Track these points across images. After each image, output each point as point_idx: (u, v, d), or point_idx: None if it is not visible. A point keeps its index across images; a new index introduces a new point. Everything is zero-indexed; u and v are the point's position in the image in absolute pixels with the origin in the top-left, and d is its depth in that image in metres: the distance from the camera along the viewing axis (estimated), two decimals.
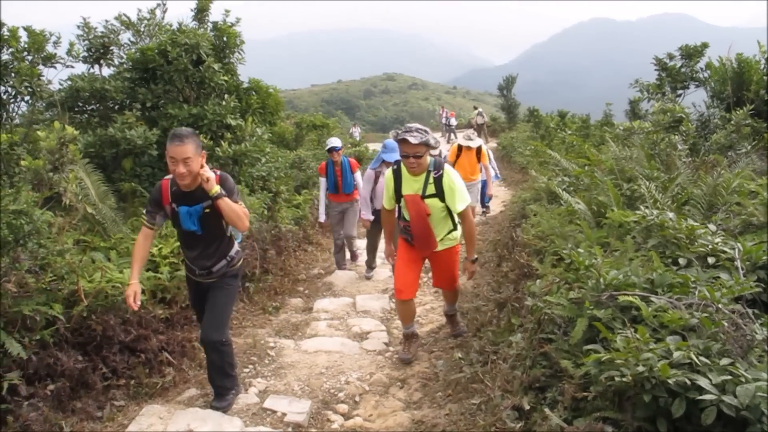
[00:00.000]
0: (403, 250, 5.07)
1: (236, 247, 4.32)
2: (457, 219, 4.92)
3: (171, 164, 3.79)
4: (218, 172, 3.99)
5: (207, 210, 3.96)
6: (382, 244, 7.30)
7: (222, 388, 4.33)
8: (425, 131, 4.48)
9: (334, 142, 8.17)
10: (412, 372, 4.99)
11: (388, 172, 4.86)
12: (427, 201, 4.69)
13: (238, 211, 3.91)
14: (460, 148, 9.95)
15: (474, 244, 4.94)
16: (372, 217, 7.58)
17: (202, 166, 3.84)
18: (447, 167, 4.68)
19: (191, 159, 3.76)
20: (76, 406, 4.02)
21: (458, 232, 5.02)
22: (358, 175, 8.17)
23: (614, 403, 2.44)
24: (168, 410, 4.22)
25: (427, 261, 5.33)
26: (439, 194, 4.67)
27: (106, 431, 4.02)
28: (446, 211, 4.79)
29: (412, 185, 4.74)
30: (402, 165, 4.74)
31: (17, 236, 4.25)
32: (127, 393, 4.41)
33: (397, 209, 5.08)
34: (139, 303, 3.84)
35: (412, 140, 4.39)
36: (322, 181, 8.23)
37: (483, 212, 11.96)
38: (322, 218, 8.39)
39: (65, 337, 4.11)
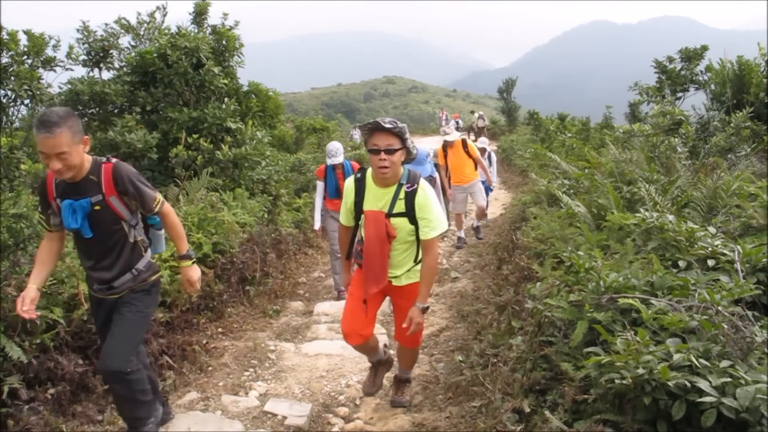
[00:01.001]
0: (357, 284, 4.00)
1: (147, 258, 3.51)
2: None
3: (42, 158, 3.03)
4: (113, 161, 3.29)
5: (97, 207, 3.20)
6: None
7: (135, 420, 3.48)
8: (400, 123, 3.55)
9: (336, 153, 7.07)
10: (413, 375, 4.99)
11: (349, 181, 3.84)
12: (394, 221, 3.67)
13: (180, 231, 3.53)
14: (445, 147, 9.27)
15: (431, 285, 3.83)
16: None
17: (84, 151, 3.14)
18: (423, 182, 3.72)
19: (67, 153, 2.98)
20: (76, 409, 4.02)
21: (419, 268, 3.88)
22: None
23: (614, 405, 2.45)
24: None
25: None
26: (410, 214, 3.64)
27: None
28: (415, 236, 3.73)
29: (377, 199, 3.70)
30: (367, 174, 3.78)
31: (17, 240, 4.25)
32: None
33: (355, 228, 4.04)
34: (33, 311, 3.16)
35: (387, 124, 3.46)
36: (320, 185, 7.31)
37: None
38: (317, 225, 7.44)
39: (65, 340, 4.10)
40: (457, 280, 7.65)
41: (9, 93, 6.90)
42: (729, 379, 2.17)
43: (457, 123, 30.90)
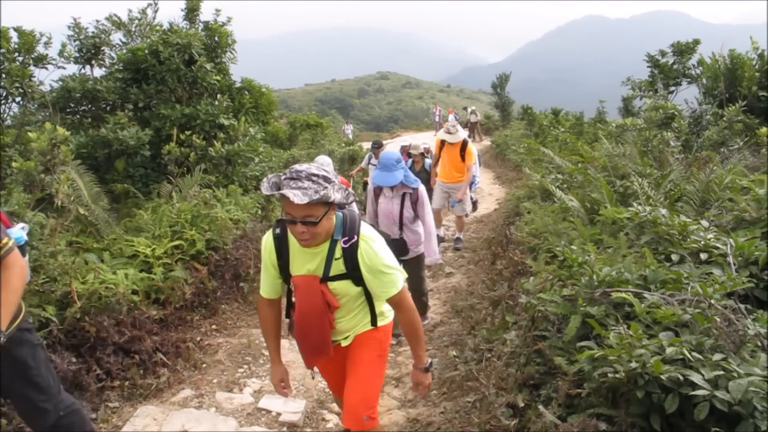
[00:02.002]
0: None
1: None
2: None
3: None
4: None
5: None
6: None
7: None
8: (325, 178, 2.46)
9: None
10: (407, 370, 4.99)
11: (266, 239, 2.85)
12: (333, 286, 2.75)
13: (16, 288, 2.63)
14: (443, 142, 8.73)
15: (422, 343, 2.94)
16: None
17: None
18: (365, 230, 2.73)
19: None
20: None
21: (389, 317, 3.07)
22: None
23: (608, 399, 2.45)
24: (163, 411, 4.21)
25: None
26: (354, 275, 2.72)
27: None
28: (365, 296, 2.89)
29: (306, 260, 2.75)
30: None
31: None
32: (122, 394, 4.39)
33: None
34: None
35: (296, 199, 2.35)
36: None
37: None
38: None
39: (59, 338, 4.09)
40: (452, 276, 7.66)
41: (0, 91, 6.85)
42: (722, 372, 2.17)
43: (455, 118, 30.92)
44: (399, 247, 4.91)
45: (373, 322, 2.96)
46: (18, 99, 7.09)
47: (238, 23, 9.72)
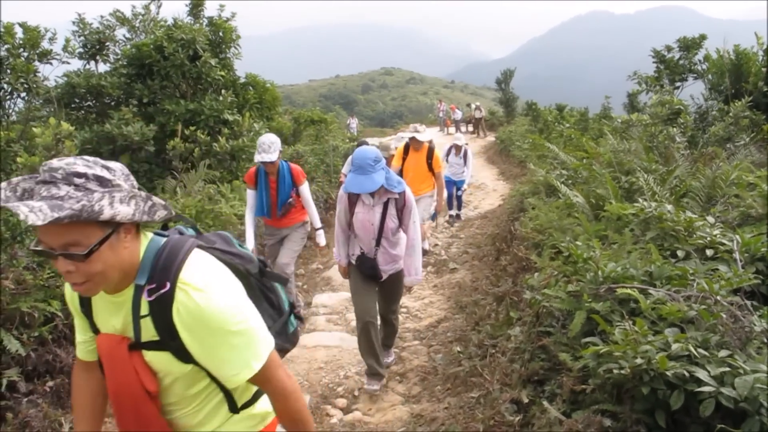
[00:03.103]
0: None
1: None
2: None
3: None
4: None
5: None
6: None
7: None
8: (99, 179, 1.47)
9: (268, 148, 5.21)
10: (411, 366, 4.99)
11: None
12: (150, 357, 1.60)
13: None
14: (407, 148, 7.59)
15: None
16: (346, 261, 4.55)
17: None
18: (193, 271, 1.55)
19: None
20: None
21: (259, 410, 1.86)
22: (305, 188, 5.58)
23: (613, 395, 2.44)
24: None
25: None
26: (171, 344, 1.56)
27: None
28: (205, 378, 1.67)
29: (109, 312, 1.65)
30: None
31: (14, 233, 4.24)
32: None
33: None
34: None
35: (33, 217, 1.28)
36: (250, 194, 5.54)
37: (449, 220, 10.78)
38: (250, 244, 5.46)
39: (64, 333, 4.10)
40: (456, 271, 7.65)
41: (5, 86, 6.88)
42: (728, 369, 2.16)
43: (455, 115, 30.87)
44: (371, 268, 4.31)
45: (236, 408, 1.78)
46: (23, 94, 7.12)
47: (242, 19, 9.72)
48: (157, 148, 7.78)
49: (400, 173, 7.53)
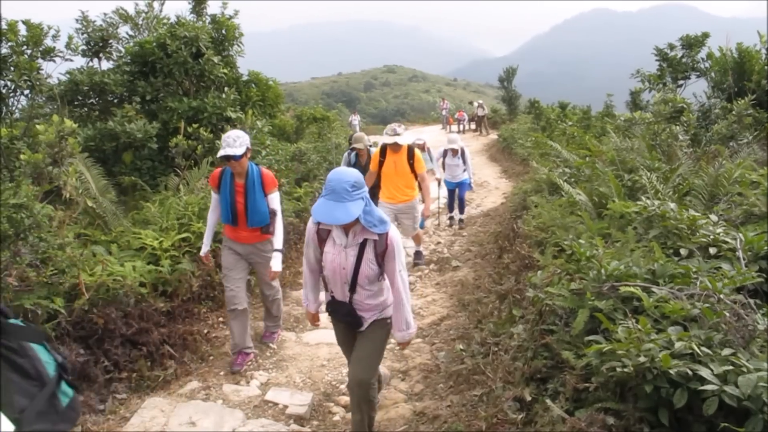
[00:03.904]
0: None
1: None
2: None
3: None
4: None
5: None
6: None
7: None
8: None
9: (233, 143, 4.47)
10: (414, 364, 4.99)
11: None
12: None
13: None
14: (384, 149, 7.07)
15: None
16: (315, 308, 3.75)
17: None
18: None
19: None
20: (78, 399, 4.02)
21: None
22: (274, 198, 4.81)
23: (616, 393, 2.45)
24: (170, 403, 4.23)
25: None
26: None
27: (109, 424, 4.03)
28: None
29: None
30: None
31: (18, 230, 4.25)
32: (129, 386, 4.42)
33: None
34: None
35: None
36: (214, 198, 4.86)
37: (450, 224, 10.63)
38: (205, 249, 4.94)
39: (67, 330, 4.11)
40: (458, 269, 7.65)
41: (8, 83, 6.87)
42: (731, 367, 2.17)
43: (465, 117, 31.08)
44: (349, 315, 3.44)
45: None
46: (26, 92, 7.11)
47: (245, 16, 9.72)
48: (160, 145, 7.78)
49: (378, 179, 7.13)
